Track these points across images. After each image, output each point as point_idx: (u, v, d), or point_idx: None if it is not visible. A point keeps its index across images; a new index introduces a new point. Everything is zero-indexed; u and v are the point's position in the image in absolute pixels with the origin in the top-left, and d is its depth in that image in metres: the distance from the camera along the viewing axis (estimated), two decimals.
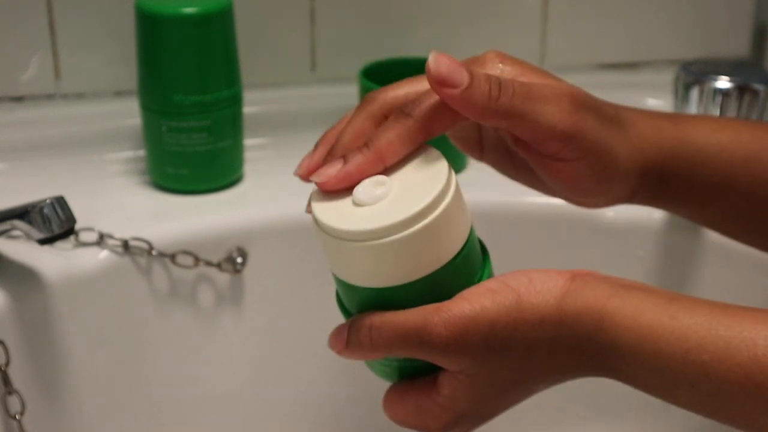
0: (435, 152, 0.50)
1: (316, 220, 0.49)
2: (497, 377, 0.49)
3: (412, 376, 0.52)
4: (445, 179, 0.48)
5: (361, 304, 0.50)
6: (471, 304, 0.48)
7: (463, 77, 0.48)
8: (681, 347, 0.45)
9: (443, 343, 0.48)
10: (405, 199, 0.48)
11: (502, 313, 0.48)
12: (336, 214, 0.49)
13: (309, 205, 0.51)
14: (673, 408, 0.49)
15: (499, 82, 0.49)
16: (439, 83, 0.48)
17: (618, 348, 0.46)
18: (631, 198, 0.58)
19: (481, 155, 0.59)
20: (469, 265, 0.50)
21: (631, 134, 0.55)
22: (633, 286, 0.48)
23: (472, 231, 0.51)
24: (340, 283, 0.51)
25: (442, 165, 0.49)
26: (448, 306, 0.48)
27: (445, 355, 0.48)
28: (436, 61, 0.48)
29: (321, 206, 0.50)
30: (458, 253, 0.49)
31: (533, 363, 0.49)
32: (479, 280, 0.51)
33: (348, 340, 0.50)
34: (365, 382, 0.55)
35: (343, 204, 0.49)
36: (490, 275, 0.52)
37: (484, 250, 0.53)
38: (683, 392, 0.46)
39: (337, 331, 0.51)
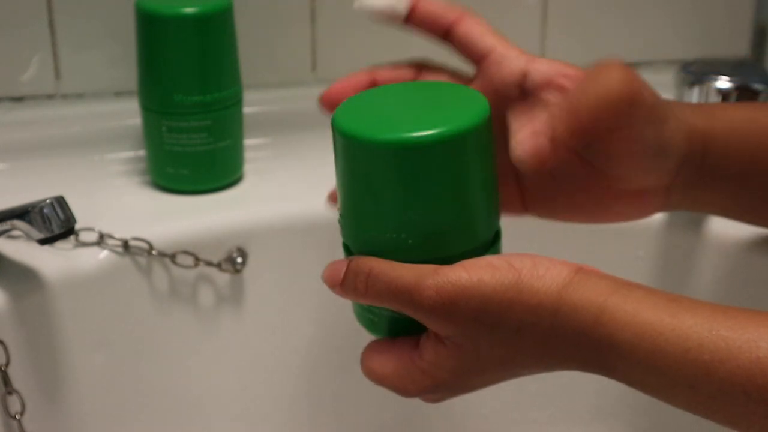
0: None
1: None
2: (482, 353, 0.49)
3: (399, 330, 0.52)
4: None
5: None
6: (468, 273, 0.47)
7: None
8: (681, 346, 0.44)
9: (431, 306, 0.47)
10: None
11: (499, 290, 0.47)
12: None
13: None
14: (673, 408, 0.48)
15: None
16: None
17: (615, 344, 0.46)
18: (673, 179, 0.57)
19: (523, 204, 0.58)
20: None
21: (670, 103, 0.56)
22: (635, 285, 0.48)
23: None
24: None
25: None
26: (445, 271, 0.48)
27: (431, 318, 0.48)
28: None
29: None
30: None
31: (523, 347, 0.48)
32: (485, 254, 0.51)
33: (344, 280, 0.50)
34: (366, 381, 0.55)
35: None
36: (497, 253, 0.52)
37: (497, 230, 0.53)
38: (681, 392, 0.45)
39: (335, 267, 0.51)
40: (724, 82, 0.82)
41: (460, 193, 0.49)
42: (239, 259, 0.79)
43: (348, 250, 0.52)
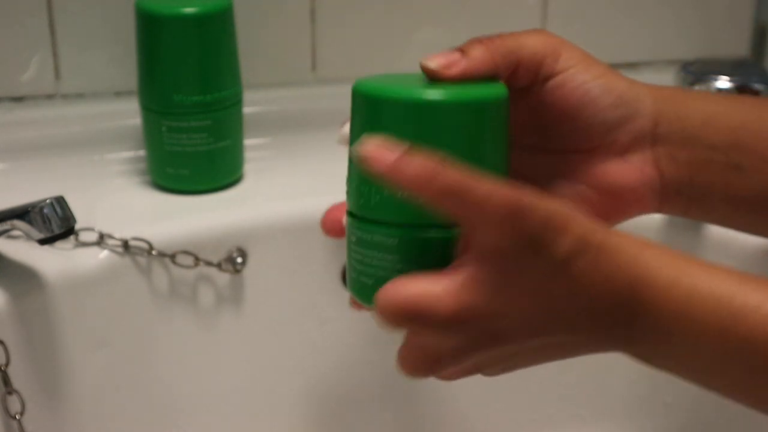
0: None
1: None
2: (520, 280, 0.47)
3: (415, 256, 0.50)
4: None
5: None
6: (532, 194, 0.47)
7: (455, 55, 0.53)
8: (714, 293, 0.46)
9: (501, 208, 0.45)
10: None
11: (557, 213, 0.46)
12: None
13: None
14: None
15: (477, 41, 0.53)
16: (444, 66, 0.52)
17: (652, 282, 0.47)
18: (652, 138, 0.56)
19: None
20: None
21: (629, 79, 0.57)
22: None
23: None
24: None
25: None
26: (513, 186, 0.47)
27: (495, 224, 0.46)
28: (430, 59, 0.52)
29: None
30: None
31: (562, 278, 0.47)
32: None
33: (401, 160, 0.45)
34: (366, 381, 0.55)
35: None
36: None
37: None
38: (707, 343, 0.46)
39: (382, 145, 0.46)
40: (724, 82, 0.82)
41: (471, 162, 0.50)
42: (239, 259, 0.79)
43: (353, 216, 0.52)
